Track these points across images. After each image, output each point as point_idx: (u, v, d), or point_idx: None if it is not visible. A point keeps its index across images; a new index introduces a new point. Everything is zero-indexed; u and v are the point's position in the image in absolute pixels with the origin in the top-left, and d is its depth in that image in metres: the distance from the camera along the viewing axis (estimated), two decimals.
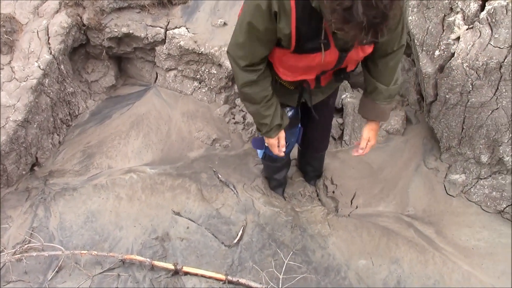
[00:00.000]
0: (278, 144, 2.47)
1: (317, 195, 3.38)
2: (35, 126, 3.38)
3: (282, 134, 2.44)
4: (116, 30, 3.78)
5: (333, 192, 3.41)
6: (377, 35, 1.63)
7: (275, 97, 2.30)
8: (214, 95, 3.95)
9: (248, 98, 2.26)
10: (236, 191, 3.31)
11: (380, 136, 3.56)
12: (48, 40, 3.53)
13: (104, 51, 3.92)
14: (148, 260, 2.85)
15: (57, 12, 3.69)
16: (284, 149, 2.51)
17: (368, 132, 2.48)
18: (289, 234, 3.08)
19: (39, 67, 3.40)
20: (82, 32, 3.78)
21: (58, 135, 3.65)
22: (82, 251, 2.88)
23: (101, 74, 4.02)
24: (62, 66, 3.62)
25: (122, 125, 3.77)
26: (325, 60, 2.04)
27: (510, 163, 3.02)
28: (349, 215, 3.24)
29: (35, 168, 3.50)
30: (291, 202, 3.33)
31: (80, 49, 3.93)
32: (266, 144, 2.53)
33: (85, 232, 3.08)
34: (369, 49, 2.10)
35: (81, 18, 3.72)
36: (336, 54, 2.04)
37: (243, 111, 3.83)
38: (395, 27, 2.03)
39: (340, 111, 3.72)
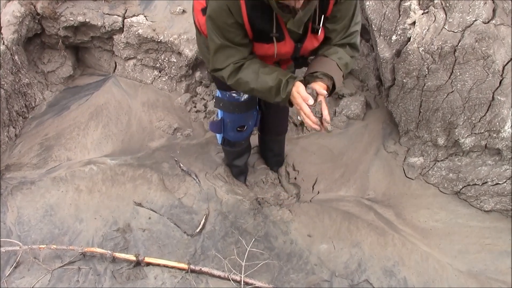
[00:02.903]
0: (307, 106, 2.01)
1: (280, 182, 3.39)
2: None
3: (302, 88, 2.00)
4: (71, 19, 3.69)
5: (295, 178, 3.42)
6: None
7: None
8: (174, 84, 3.90)
9: (245, 80, 2.11)
10: (198, 180, 3.29)
11: (340, 122, 3.59)
12: (0, 30, 3.42)
13: (60, 41, 3.82)
14: (109, 252, 2.81)
15: (9, 0, 3.57)
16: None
17: (320, 86, 2.03)
18: (251, 222, 3.08)
19: None
20: (37, 21, 3.68)
21: (14, 127, 3.55)
22: (40, 246, 2.82)
23: (58, 65, 3.92)
24: (16, 57, 3.51)
25: (81, 116, 3.68)
26: (281, 51, 2.12)
27: (465, 145, 3.08)
28: (310, 201, 3.27)
29: None
30: (254, 190, 3.33)
31: (35, 39, 3.83)
32: (299, 117, 2.06)
33: (44, 226, 3.02)
34: (321, 37, 2.13)
35: (34, 7, 3.62)
36: (292, 45, 2.13)
37: (205, 100, 3.80)
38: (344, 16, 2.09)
39: None
